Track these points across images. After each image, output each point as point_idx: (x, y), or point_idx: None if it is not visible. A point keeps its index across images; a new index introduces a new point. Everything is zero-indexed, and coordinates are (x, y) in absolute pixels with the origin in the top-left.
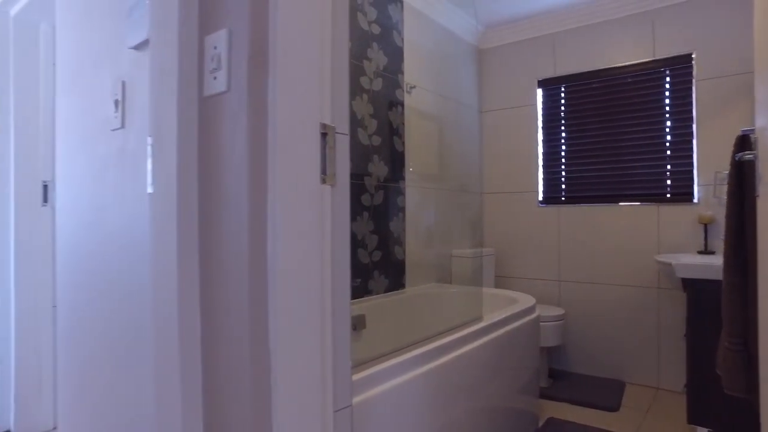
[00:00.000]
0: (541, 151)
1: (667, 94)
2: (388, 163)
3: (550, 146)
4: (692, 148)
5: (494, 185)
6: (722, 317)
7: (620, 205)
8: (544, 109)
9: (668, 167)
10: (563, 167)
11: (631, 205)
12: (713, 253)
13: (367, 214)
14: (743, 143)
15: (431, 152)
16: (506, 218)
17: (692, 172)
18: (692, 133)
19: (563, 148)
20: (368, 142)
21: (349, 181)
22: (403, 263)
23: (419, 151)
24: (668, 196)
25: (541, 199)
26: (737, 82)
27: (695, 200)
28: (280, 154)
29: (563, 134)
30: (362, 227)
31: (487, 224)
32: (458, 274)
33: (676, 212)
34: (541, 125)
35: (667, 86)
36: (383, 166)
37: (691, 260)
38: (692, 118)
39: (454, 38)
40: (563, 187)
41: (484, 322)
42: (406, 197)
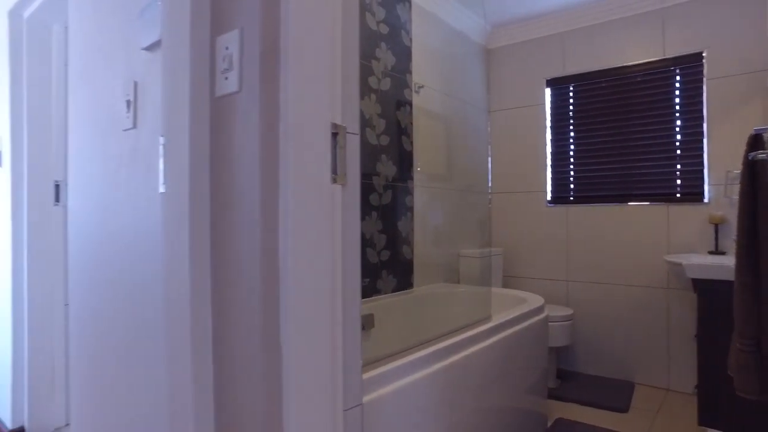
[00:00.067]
0: (549, 150)
1: (677, 93)
2: (396, 162)
3: (558, 146)
4: (702, 147)
5: (502, 185)
6: (734, 318)
7: (629, 204)
8: (552, 108)
9: (678, 167)
10: (572, 167)
11: (640, 205)
12: (724, 253)
13: (375, 213)
14: (756, 142)
15: (439, 152)
16: (514, 218)
17: (702, 171)
18: (703, 132)
19: (572, 147)
20: (376, 141)
21: (359, 180)
22: (411, 263)
23: (427, 150)
24: (678, 195)
25: (549, 198)
26: (749, 80)
27: (705, 200)
28: (291, 153)
29: (572, 134)
30: (371, 227)
31: (495, 224)
32: (466, 274)
33: (686, 212)
34: (549, 125)
35: (677, 85)
36: (391, 165)
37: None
38: (703, 117)
39: (462, 38)
40: (572, 186)
41: (492, 322)
42: (414, 197)
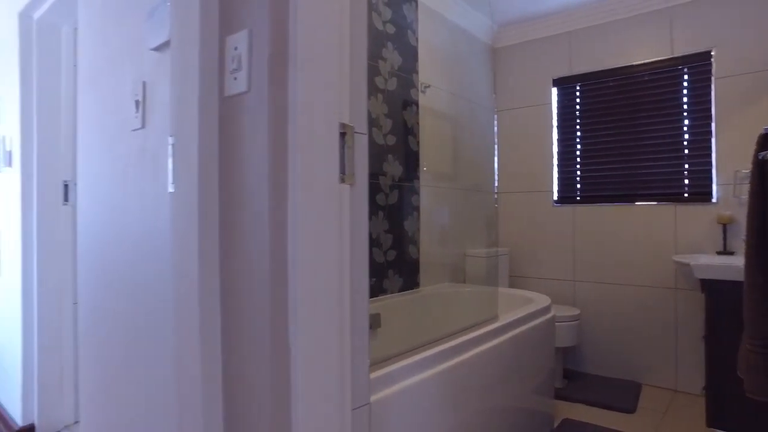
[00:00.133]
0: (555, 150)
1: (684, 92)
2: (402, 162)
3: (565, 145)
4: (711, 147)
5: (509, 185)
6: (743, 319)
7: (636, 204)
8: (559, 108)
9: (686, 166)
10: (578, 166)
11: (647, 204)
12: (732, 253)
13: (381, 213)
14: (766, 142)
15: (446, 152)
16: (521, 218)
17: (711, 171)
18: (711, 131)
19: (578, 147)
20: (383, 141)
21: (367, 180)
22: (417, 262)
23: (434, 150)
24: (686, 195)
25: (556, 198)
26: (758, 79)
27: (714, 200)
28: (299, 153)
29: (578, 133)
30: (377, 226)
31: (501, 224)
32: (472, 273)
33: (693, 212)
34: (556, 124)
35: (685, 84)
36: (398, 165)
37: (710, 261)
38: (711, 116)
39: (468, 37)
40: (578, 186)
41: (499, 321)
42: (420, 196)
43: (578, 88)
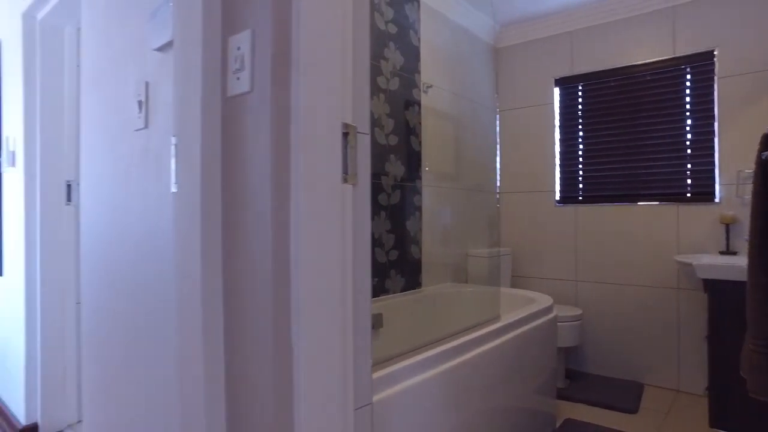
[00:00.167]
0: (557, 150)
1: (687, 92)
2: (404, 162)
3: (567, 145)
4: (713, 146)
5: (511, 185)
6: (746, 319)
7: (638, 204)
8: (561, 108)
9: (688, 166)
10: (580, 166)
11: (649, 204)
12: (735, 253)
13: (384, 213)
14: None
15: (448, 152)
16: (523, 218)
17: (713, 171)
18: (713, 131)
19: (580, 147)
20: (385, 141)
21: (369, 180)
22: (419, 262)
23: (436, 150)
24: (688, 195)
25: (558, 198)
26: (761, 79)
27: (716, 200)
28: (302, 153)
29: (580, 133)
30: (379, 226)
31: (503, 224)
32: (474, 273)
33: (696, 212)
34: (558, 124)
35: (687, 84)
36: (400, 165)
37: (712, 260)
38: (714, 116)
39: (470, 37)
40: (580, 186)
41: (501, 321)
42: (422, 197)
43: (580, 87)
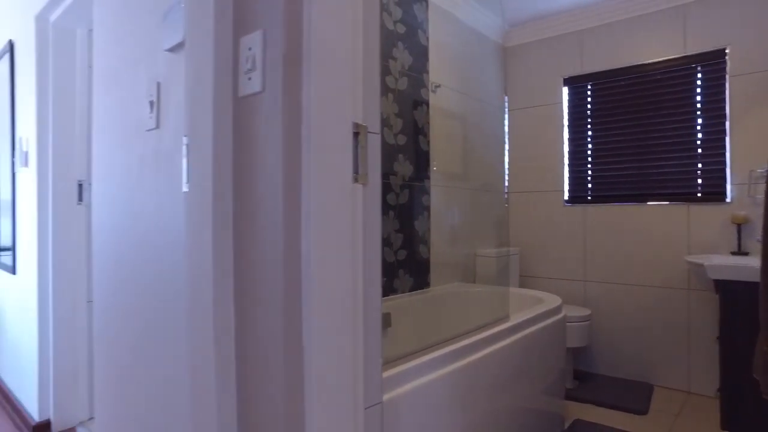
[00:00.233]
0: (566, 149)
1: (698, 90)
2: (413, 162)
3: (576, 145)
4: (725, 146)
5: (519, 184)
6: (760, 320)
7: (648, 204)
8: (569, 107)
9: (699, 166)
10: (589, 166)
11: (659, 204)
12: (747, 254)
13: (392, 213)
14: None
15: (456, 151)
16: (531, 218)
17: (725, 170)
18: (725, 130)
19: (589, 146)
20: (393, 141)
21: (380, 180)
22: (427, 262)
23: (444, 150)
24: (699, 195)
25: (566, 198)
26: None
27: (728, 199)
28: (313, 153)
29: (589, 132)
30: (387, 226)
31: (511, 223)
32: (483, 273)
33: (707, 212)
34: (566, 123)
35: (698, 83)
36: (408, 165)
37: (723, 261)
38: (725, 115)
39: (479, 36)
40: (589, 186)
41: (510, 321)
42: (431, 196)
43: (589, 87)
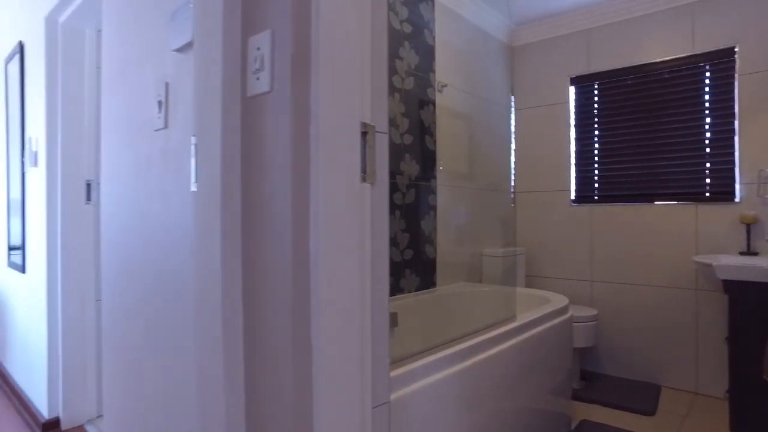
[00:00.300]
0: (573, 149)
1: (706, 89)
2: (419, 161)
3: (582, 144)
4: (734, 145)
5: (526, 184)
6: None
7: (655, 204)
8: (576, 106)
9: (707, 165)
10: (596, 165)
11: (667, 204)
12: (756, 254)
13: (398, 212)
14: None
15: (462, 151)
16: (537, 217)
17: (734, 170)
18: (734, 129)
19: (596, 146)
20: (400, 140)
21: (388, 179)
22: (434, 262)
23: (450, 149)
24: (707, 195)
25: (573, 198)
26: None
27: (737, 199)
28: (322, 152)
29: (596, 132)
30: (394, 226)
31: (518, 223)
32: (489, 273)
33: (715, 212)
34: (573, 123)
35: (707, 81)
36: (415, 164)
37: (733, 261)
38: (734, 114)
39: (485, 36)
40: (596, 185)
41: (517, 321)
42: (437, 196)
43: (596, 86)
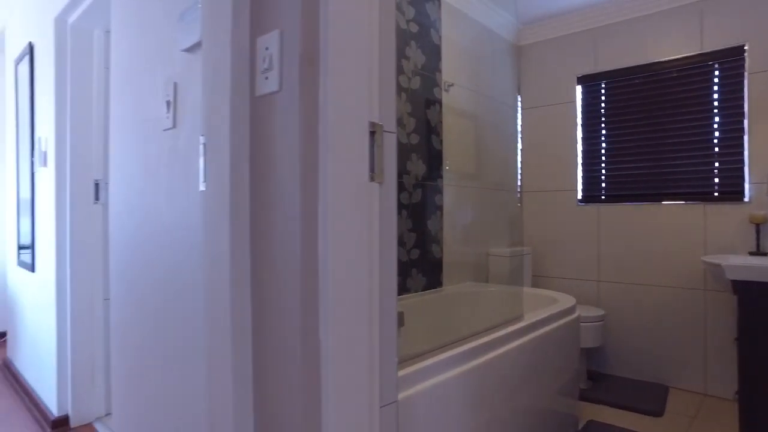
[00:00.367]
0: (580, 148)
1: (715, 88)
2: (425, 161)
3: (589, 144)
4: (743, 144)
5: (532, 183)
6: None
7: (663, 204)
8: (583, 106)
9: (716, 165)
10: (603, 165)
11: (675, 204)
12: (766, 254)
13: (405, 212)
14: None
15: (469, 150)
16: (544, 217)
17: (743, 169)
18: (743, 129)
19: (603, 145)
20: (406, 140)
21: (396, 179)
22: (440, 261)
23: (457, 149)
24: (716, 194)
25: (580, 197)
26: None
27: (746, 199)
28: (330, 152)
29: (603, 131)
30: (400, 225)
31: (525, 223)
32: (495, 273)
33: (724, 211)
34: (580, 122)
35: (715, 80)
36: (421, 164)
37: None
38: (743, 113)
39: (492, 35)
40: (603, 185)
41: (524, 321)
42: (443, 195)
43: (603, 85)
